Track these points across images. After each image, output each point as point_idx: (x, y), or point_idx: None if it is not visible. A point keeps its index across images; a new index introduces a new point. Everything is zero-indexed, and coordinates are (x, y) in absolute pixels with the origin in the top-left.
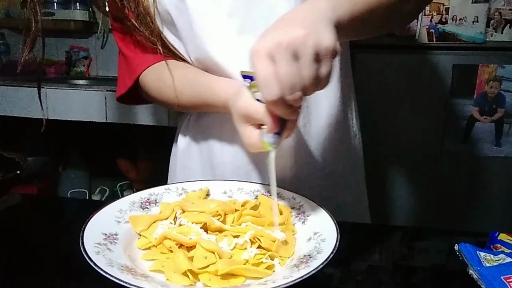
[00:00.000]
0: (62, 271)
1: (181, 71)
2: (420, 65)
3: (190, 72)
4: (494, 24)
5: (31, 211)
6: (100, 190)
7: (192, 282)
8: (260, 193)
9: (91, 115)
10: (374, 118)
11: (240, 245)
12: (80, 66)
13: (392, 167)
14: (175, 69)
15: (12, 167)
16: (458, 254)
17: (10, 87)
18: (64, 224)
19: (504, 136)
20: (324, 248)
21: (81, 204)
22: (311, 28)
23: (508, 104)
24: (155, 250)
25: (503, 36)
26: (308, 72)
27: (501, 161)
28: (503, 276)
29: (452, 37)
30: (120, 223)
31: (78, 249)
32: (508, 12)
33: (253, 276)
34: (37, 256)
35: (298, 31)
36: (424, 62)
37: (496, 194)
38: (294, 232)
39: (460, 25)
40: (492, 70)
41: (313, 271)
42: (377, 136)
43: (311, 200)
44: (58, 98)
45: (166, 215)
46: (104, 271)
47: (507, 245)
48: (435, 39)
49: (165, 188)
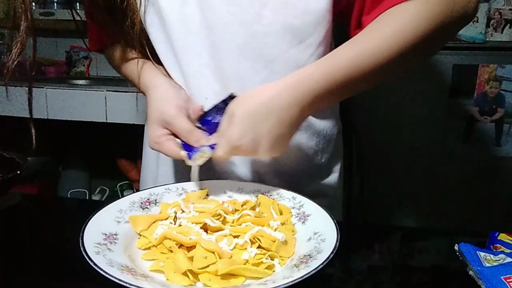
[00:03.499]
0: (62, 271)
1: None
2: (420, 65)
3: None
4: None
5: (31, 211)
6: (100, 190)
7: (192, 282)
8: (260, 193)
9: (91, 115)
10: (374, 118)
11: (240, 245)
12: (80, 66)
13: (392, 167)
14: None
15: (12, 167)
16: (458, 254)
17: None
18: (64, 224)
19: (504, 136)
20: (324, 248)
21: (81, 204)
22: (271, 148)
23: (508, 104)
24: (155, 250)
25: (503, 36)
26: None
27: (501, 161)
28: (503, 276)
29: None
30: (120, 223)
31: (78, 249)
32: (508, 12)
33: (253, 276)
34: (37, 256)
35: (259, 152)
36: (424, 62)
37: (496, 194)
38: (294, 232)
39: None
40: (492, 70)
41: (313, 271)
42: (377, 136)
43: (311, 200)
44: (58, 98)
45: (166, 215)
46: (104, 271)
47: (507, 245)
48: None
49: (165, 188)
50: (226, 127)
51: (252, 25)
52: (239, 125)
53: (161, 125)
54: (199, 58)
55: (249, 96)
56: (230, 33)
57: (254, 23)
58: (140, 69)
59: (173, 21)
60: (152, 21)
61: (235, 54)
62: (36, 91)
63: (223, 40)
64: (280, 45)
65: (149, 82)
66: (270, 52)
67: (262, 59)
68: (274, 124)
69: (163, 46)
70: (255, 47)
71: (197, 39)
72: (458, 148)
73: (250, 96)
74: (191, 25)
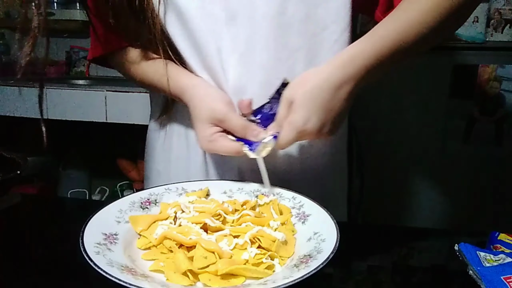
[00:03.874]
0: (62, 271)
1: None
2: (420, 65)
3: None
4: (494, 24)
5: (31, 211)
6: (100, 190)
7: (192, 282)
8: (260, 193)
9: (91, 115)
10: (374, 118)
11: (240, 245)
12: (80, 66)
13: (392, 167)
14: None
15: (12, 167)
16: (458, 254)
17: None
18: (64, 224)
19: (504, 136)
20: (324, 248)
21: (81, 204)
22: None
23: (508, 104)
24: (155, 250)
25: (503, 36)
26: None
27: (501, 161)
28: (503, 276)
29: (452, 37)
30: (120, 223)
31: (78, 249)
32: (508, 12)
33: (253, 276)
34: (37, 256)
35: (323, 134)
36: (424, 62)
37: (496, 194)
38: (294, 232)
39: None
40: (492, 70)
41: (313, 271)
42: (377, 137)
43: (311, 200)
44: (58, 98)
45: (166, 215)
46: (104, 271)
47: (507, 245)
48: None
49: (165, 188)
50: (286, 114)
51: (275, 17)
52: (301, 109)
53: (212, 123)
54: (221, 53)
55: (303, 80)
56: (253, 26)
57: (278, 15)
58: (167, 69)
59: (193, 17)
60: (171, 19)
61: (259, 46)
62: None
63: (246, 34)
64: (304, 34)
65: (188, 81)
66: (294, 41)
67: (287, 49)
68: (335, 102)
69: (184, 43)
70: (279, 38)
71: (218, 33)
72: (458, 148)
73: (305, 79)
74: (212, 20)
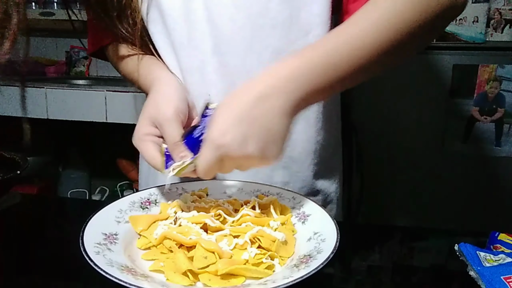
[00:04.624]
0: (62, 271)
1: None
2: (420, 65)
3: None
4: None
5: (31, 211)
6: (100, 190)
7: (192, 282)
8: (260, 193)
9: (91, 115)
10: (374, 118)
11: (240, 245)
12: (80, 66)
13: (392, 167)
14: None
15: (12, 167)
16: (458, 254)
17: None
18: (64, 224)
19: (504, 136)
20: (324, 248)
21: (81, 204)
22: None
23: (508, 104)
24: (155, 250)
25: (503, 36)
26: (245, 168)
27: (501, 161)
28: (503, 276)
29: (452, 37)
30: (120, 223)
31: (78, 249)
32: (508, 12)
33: (253, 276)
34: (37, 256)
35: (249, 151)
36: (424, 62)
37: (496, 194)
38: (294, 232)
39: (460, 25)
40: (492, 70)
41: (313, 271)
42: (377, 136)
43: (311, 200)
44: (58, 98)
45: (166, 215)
46: (104, 271)
47: (507, 245)
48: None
49: (165, 188)
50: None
51: (258, 18)
52: (217, 121)
53: (152, 124)
54: (201, 54)
55: (233, 96)
56: (236, 27)
57: (261, 16)
58: (140, 61)
59: (175, 16)
60: (152, 16)
61: (241, 47)
62: (36, 91)
63: (228, 35)
64: (287, 36)
65: (155, 73)
66: (277, 43)
67: (269, 51)
68: (259, 114)
69: (163, 41)
70: (262, 40)
71: (199, 34)
72: (458, 148)
73: (234, 96)
74: (193, 20)
